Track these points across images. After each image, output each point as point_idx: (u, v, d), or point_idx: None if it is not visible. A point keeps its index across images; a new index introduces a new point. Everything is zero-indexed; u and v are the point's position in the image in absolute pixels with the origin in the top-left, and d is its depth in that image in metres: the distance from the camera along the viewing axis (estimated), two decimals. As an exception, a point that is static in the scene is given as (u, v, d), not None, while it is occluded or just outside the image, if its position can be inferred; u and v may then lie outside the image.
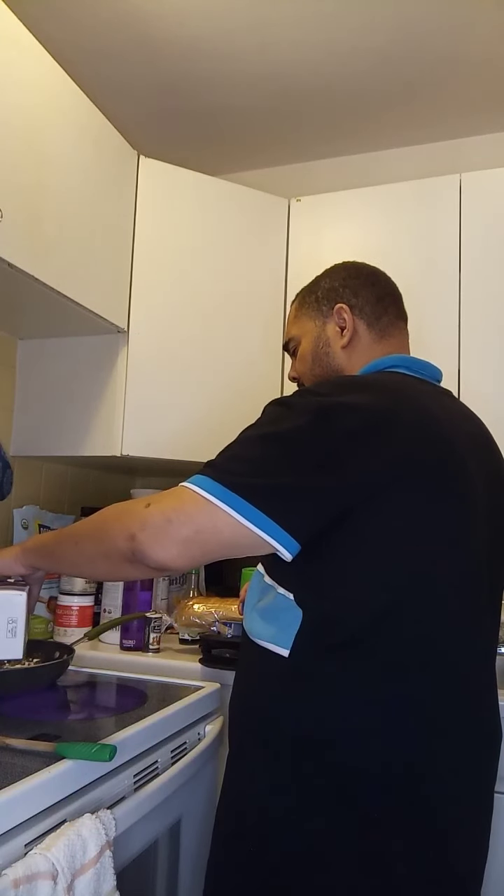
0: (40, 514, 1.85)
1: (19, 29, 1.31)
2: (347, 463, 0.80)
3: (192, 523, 0.80)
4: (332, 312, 1.09)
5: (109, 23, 1.69)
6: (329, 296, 1.11)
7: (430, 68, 1.84)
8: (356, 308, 1.08)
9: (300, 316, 1.15)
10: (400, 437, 0.82)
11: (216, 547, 0.80)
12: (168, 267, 1.77)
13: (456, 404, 1.02)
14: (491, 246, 1.75)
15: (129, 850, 0.97)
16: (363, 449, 0.80)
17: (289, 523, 0.78)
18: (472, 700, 0.88)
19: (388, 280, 1.15)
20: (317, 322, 1.11)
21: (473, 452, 0.92)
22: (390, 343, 1.08)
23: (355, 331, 1.07)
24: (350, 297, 1.09)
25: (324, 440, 0.80)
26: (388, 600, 0.82)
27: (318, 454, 0.80)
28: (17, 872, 0.70)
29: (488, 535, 0.92)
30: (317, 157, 2.30)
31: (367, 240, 1.86)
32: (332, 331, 1.09)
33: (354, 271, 1.14)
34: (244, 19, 1.67)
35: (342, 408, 0.82)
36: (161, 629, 1.61)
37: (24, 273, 1.32)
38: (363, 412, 0.82)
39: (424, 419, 0.86)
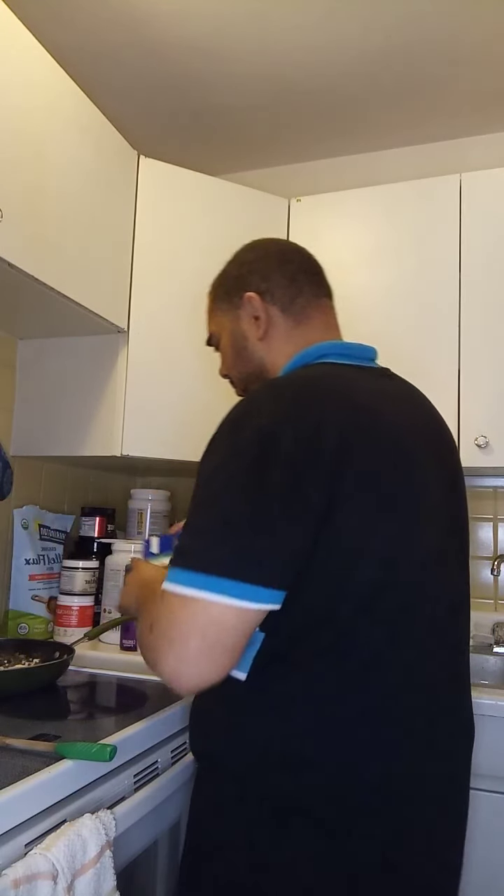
0: (40, 514, 1.85)
1: (19, 29, 1.31)
2: (296, 497, 0.74)
3: (193, 631, 0.72)
4: (242, 302, 1.01)
5: (110, 23, 1.69)
6: (237, 284, 1.02)
7: (430, 68, 1.84)
8: (267, 293, 0.99)
9: (214, 310, 1.08)
10: (332, 453, 0.76)
11: (234, 636, 0.73)
12: (168, 267, 1.77)
13: (396, 385, 0.94)
14: (491, 246, 1.75)
15: (129, 850, 0.97)
16: (303, 479, 0.74)
17: (275, 581, 0.73)
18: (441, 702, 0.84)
19: (300, 254, 1.04)
20: (230, 315, 1.04)
21: (419, 433, 0.88)
22: (311, 325, 0.99)
23: (270, 319, 0.99)
24: (259, 282, 1.00)
25: (268, 481, 0.74)
26: (343, 614, 0.77)
27: (270, 498, 0.73)
28: (17, 872, 0.70)
29: (447, 521, 0.89)
30: (317, 157, 2.30)
31: (367, 240, 1.86)
32: (246, 323, 1.01)
33: (262, 251, 1.04)
34: (244, 19, 1.67)
35: (274, 437, 0.75)
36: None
37: (24, 273, 1.32)
38: (292, 437, 0.75)
39: (355, 426, 0.79)
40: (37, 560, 1.78)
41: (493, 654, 1.83)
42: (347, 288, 1.87)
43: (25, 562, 1.75)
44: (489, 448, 1.67)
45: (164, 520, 1.96)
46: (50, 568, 1.81)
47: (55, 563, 1.84)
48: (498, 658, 1.82)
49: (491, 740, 1.34)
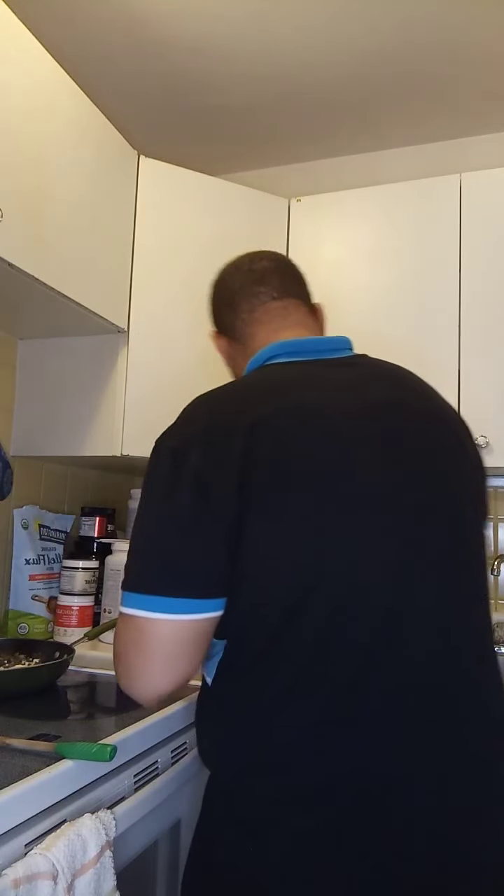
0: (40, 514, 1.85)
1: (20, 29, 1.31)
2: (205, 510, 0.77)
3: (130, 646, 0.80)
4: (214, 337, 1.13)
5: (110, 23, 1.69)
6: (210, 319, 1.14)
7: (430, 68, 1.84)
8: (221, 330, 1.08)
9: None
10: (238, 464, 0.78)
11: (173, 645, 0.78)
12: (168, 267, 1.77)
13: (353, 373, 0.91)
14: (491, 246, 1.75)
15: (129, 850, 0.97)
16: (210, 492, 0.78)
17: (199, 591, 0.78)
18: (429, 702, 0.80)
19: (241, 270, 1.07)
20: (218, 343, 1.14)
21: (370, 423, 0.84)
22: (256, 338, 1.02)
23: (231, 353, 1.08)
24: (216, 321, 1.10)
25: (178, 499, 0.79)
26: (272, 620, 0.78)
27: (182, 516, 0.78)
28: (17, 872, 0.70)
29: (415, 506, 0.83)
30: (317, 157, 2.30)
31: (367, 240, 1.86)
32: (226, 361, 1.13)
33: (214, 286, 1.12)
34: (244, 20, 1.67)
35: (182, 456, 0.80)
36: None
37: (24, 273, 1.32)
38: (199, 454, 0.79)
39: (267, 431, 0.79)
40: (37, 560, 1.78)
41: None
42: (347, 288, 1.88)
43: (25, 562, 1.75)
44: (489, 448, 1.66)
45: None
46: (50, 568, 1.81)
47: (55, 563, 1.84)
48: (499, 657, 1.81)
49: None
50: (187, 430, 0.84)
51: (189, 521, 0.78)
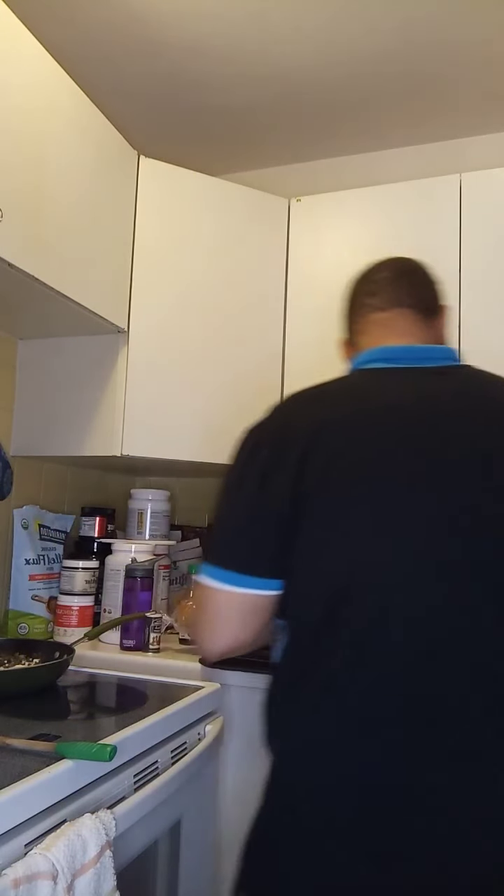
0: (40, 514, 1.85)
1: (20, 29, 1.31)
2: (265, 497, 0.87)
3: (202, 609, 0.91)
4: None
5: (110, 23, 1.69)
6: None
7: (430, 69, 1.84)
8: (348, 338, 1.11)
9: None
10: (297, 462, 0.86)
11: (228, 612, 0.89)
12: (168, 267, 1.77)
13: (439, 383, 0.93)
14: (491, 246, 1.75)
15: (129, 850, 0.97)
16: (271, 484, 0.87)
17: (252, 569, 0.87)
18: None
19: (353, 284, 1.12)
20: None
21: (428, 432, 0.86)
22: (361, 346, 1.06)
23: (348, 356, 1.10)
24: (344, 330, 1.13)
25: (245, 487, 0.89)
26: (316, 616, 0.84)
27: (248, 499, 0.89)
28: (17, 872, 0.70)
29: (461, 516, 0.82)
30: (317, 157, 2.30)
31: (367, 240, 1.86)
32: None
33: (345, 295, 1.14)
34: (244, 20, 1.67)
35: (256, 449, 0.91)
36: (161, 629, 1.61)
37: (24, 273, 1.32)
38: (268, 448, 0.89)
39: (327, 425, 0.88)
40: (37, 560, 1.78)
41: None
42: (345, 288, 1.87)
43: (25, 562, 1.75)
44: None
45: (163, 519, 1.97)
46: (50, 568, 1.81)
47: (55, 563, 1.84)
48: None
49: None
50: (267, 426, 0.94)
51: (249, 509, 0.89)
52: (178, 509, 2.29)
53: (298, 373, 1.87)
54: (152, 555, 1.78)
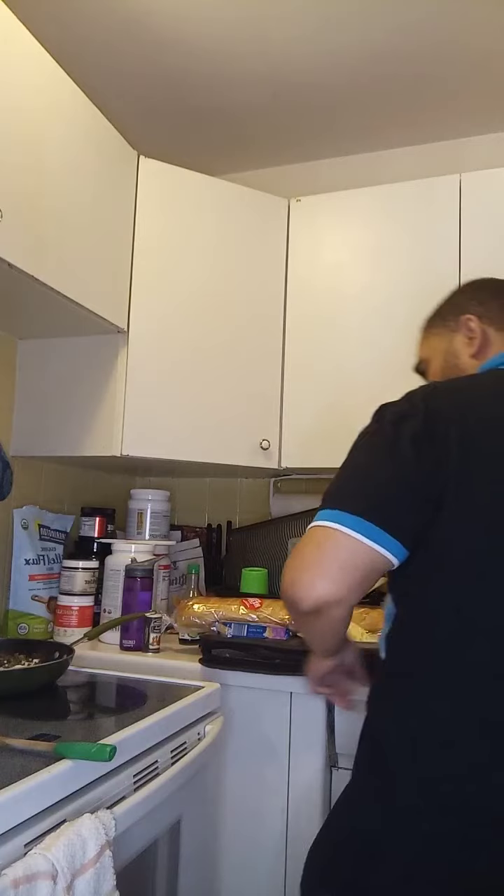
0: (40, 514, 1.85)
1: (19, 29, 1.31)
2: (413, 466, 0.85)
3: (310, 542, 0.85)
4: (458, 325, 1.11)
5: (110, 23, 1.69)
6: (453, 310, 1.13)
7: (431, 68, 1.84)
8: (484, 317, 1.09)
9: (427, 336, 1.17)
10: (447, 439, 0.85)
11: (346, 557, 0.83)
12: (168, 267, 1.77)
13: None
14: (491, 246, 1.74)
15: (129, 850, 0.97)
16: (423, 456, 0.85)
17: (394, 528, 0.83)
18: None
19: None
20: (443, 338, 1.13)
21: None
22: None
23: (485, 337, 1.07)
24: (476, 306, 1.10)
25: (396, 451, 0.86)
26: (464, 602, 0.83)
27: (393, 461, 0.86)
28: (16, 872, 0.70)
29: None
30: (317, 157, 2.30)
31: (367, 240, 1.86)
32: (460, 342, 1.10)
33: (480, 283, 1.16)
34: (244, 20, 1.67)
35: (398, 414, 0.88)
36: (161, 629, 1.61)
37: (24, 273, 1.32)
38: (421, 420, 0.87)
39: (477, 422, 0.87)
40: (37, 560, 1.78)
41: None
42: (347, 288, 1.88)
43: (25, 562, 1.75)
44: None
45: (163, 519, 1.97)
46: (50, 568, 1.81)
47: (55, 563, 1.84)
48: None
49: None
50: (412, 401, 0.91)
51: (401, 469, 0.85)
52: (178, 509, 2.29)
53: (298, 372, 1.87)
54: (152, 555, 1.78)
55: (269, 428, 1.85)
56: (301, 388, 1.86)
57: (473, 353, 1.08)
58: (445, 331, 1.13)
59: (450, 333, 1.12)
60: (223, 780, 1.42)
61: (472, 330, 1.08)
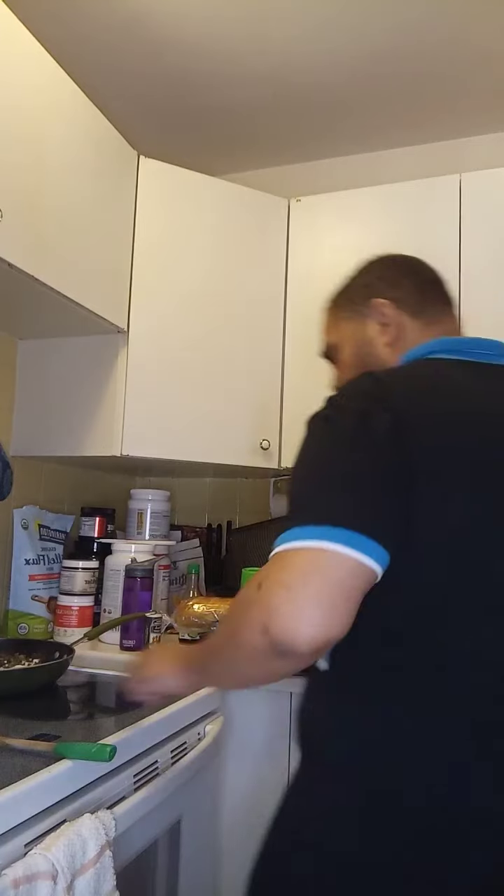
0: (40, 514, 1.85)
1: (19, 29, 1.31)
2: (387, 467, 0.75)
3: (313, 572, 0.68)
4: (370, 310, 1.00)
5: (110, 23, 1.69)
6: (363, 292, 1.02)
7: (430, 68, 1.84)
8: (397, 300, 0.99)
9: (335, 321, 1.07)
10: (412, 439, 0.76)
11: (350, 586, 0.69)
12: (168, 267, 1.77)
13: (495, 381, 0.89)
14: (491, 246, 1.74)
15: (129, 850, 0.97)
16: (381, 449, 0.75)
17: (371, 530, 0.71)
18: None
19: (426, 266, 1.06)
20: (354, 323, 1.03)
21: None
22: (436, 331, 0.98)
23: (400, 325, 0.98)
24: (386, 289, 1.00)
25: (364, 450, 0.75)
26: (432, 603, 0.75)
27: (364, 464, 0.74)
28: (17, 872, 0.70)
29: None
30: (317, 157, 2.30)
31: (367, 240, 1.86)
32: (372, 329, 1.00)
33: (389, 262, 1.05)
34: (245, 21, 1.67)
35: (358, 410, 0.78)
36: (161, 629, 1.61)
37: (24, 273, 1.32)
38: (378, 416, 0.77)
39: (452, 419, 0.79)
40: (37, 560, 1.78)
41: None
42: (347, 288, 1.88)
43: (25, 562, 1.75)
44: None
45: (163, 519, 1.97)
46: (50, 568, 1.81)
47: (55, 563, 1.83)
48: None
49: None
50: (371, 395, 0.80)
51: (369, 466, 0.74)
52: (178, 509, 2.29)
53: (298, 372, 1.87)
54: (152, 555, 1.78)
55: (269, 428, 1.85)
56: (301, 388, 1.86)
57: (389, 341, 0.98)
58: (356, 315, 1.03)
59: (361, 318, 1.02)
60: (223, 780, 1.42)
61: (386, 316, 0.99)
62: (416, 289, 1.00)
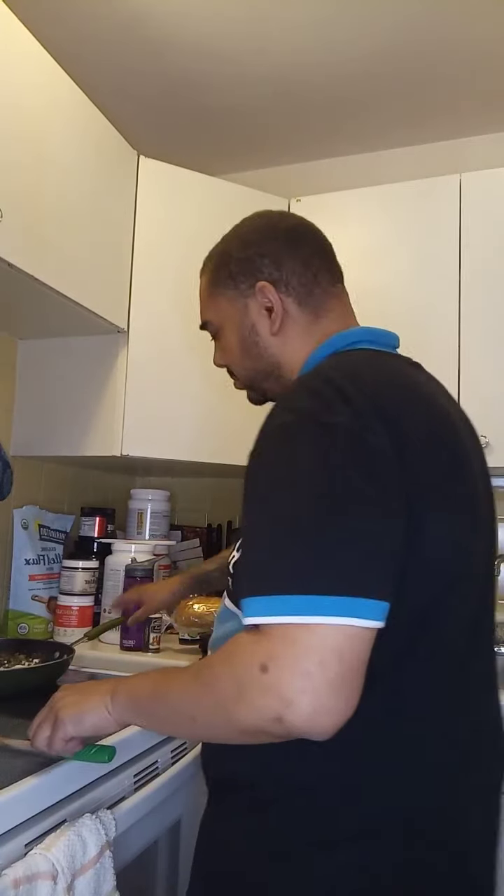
0: (40, 514, 1.85)
1: (20, 30, 1.31)
2: (393, 492, 0.66)
3: (331, 657, 0.60)
4: (254, 292, 0.91)
5: (110, 23, 1.68)
6: (245, 269, 0.92)
7: (430, 69, 1.84)
8: (281, 283, 0.89)
9: (215, 295, 0.97)
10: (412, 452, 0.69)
11: (362, 660, 0.62)
12: (168, 267, 1.77)
13: (427, 376, 0.86)
14: (491, 246, 1.75)
15: (129, 850, 0.97)
16: (386, 479, 0.66)
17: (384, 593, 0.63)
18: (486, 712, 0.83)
19: (313, 233, 0.96)
20: (236, 303, 0.93)
21: (466, 426, 0.85)
22: (330, 318, 0.90)
23: (285, 312, 0.89)
24: (271, 269, 0.90)
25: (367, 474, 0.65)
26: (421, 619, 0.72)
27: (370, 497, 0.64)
28: (17, 872, 0.70)
29: (490, 520, 0.84)
30: (317, 157, 2.30)
31: (368, 240, 1.86)
32: (256, 313, 0.91)
33: (270, 230, 0.95)
34: (244, 20, 1.67)
35: (351, 435, 0.66)
36: (161, 629, 1.61)
37: (24, 273, 1.32)
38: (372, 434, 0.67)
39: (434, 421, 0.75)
40: (37, 560, 1.78)
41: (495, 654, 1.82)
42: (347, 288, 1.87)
43: (25, 562, 1.75)
44: (489, 448, 1.66)
45: (163, 519, 1.97)
46: (50, 568, 1.81)
47: (55, 563, 1.84)
48: (499, 658, 1.81)
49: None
50: (351, 399, 0.68)
51: (369, 509, 0.64)
52: (178, 509, 2.29)
53: (298, 373, 1.87)
54: (152, 555, 1.78)
55: (269, 428, 1.84)
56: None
57: (275, 330, 0.90)
58: (237, 294, 0.93)
59: (242, 299, 0.92)
60: (223, 780, 1.42)
61: (270, 301, 0.90)
62: (302, 268, 0.90)
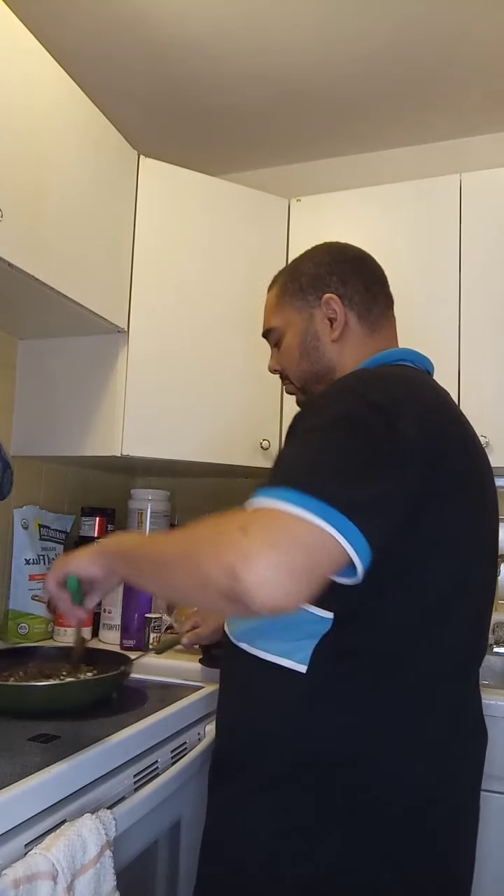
0: (40, 514, 1.85)
1: (20, 29, 1.31)
2: (409, 469, 0.75)
3: (303, 549, 0.66)
4: (320, 303, 1.02)
5: (110, 23, 1.69)
6: (315, 284, 1.04)
7: (430, 69, 1.84)
8: (345, 298, 1.01)
9: (283, 305, 1.07)
10: (448, 445, 0.82)
11: (327, 572, 0.69)
12: (168, 267, 1.77)
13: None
14: (491, 246, 1.75)
15: (129, 850, 0.97)
16: (423, 456, 0.76)
17: (372, 537, 0.69)
18: (472, 708, 0.91)
19: (374, 263, 1.08)
20: (302, 313, 1.04)
21: (482, 451, 0.94)
22: (382, 335, 1.03)
23: (346, 323, 1.01)
24: (338, 285, 1.02)
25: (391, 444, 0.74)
26: (427, 612, 0.81)
27: (388, 459, 0.74)
28: (17, 872, 0.70)
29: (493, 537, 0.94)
30: (317, 157, 2.30)
31: (367, 240, 1.84)
32: (319, 321, 1.02)
33: (339, 254, 1.07)
34: (244, 20, 1.67)
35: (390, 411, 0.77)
36: (161, 629, 1.61)
37: (24, 273, 1.32)
38: (423, 414, 0.79)
39: (462, 425, 0.89)
40: (37, 560, 1.78)
41: (494, 655, 1.83)
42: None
43: (25, 562, 1.75)
44: (489, 448, 1.66)
45: (163, 519, 1.96)
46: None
47: (55, 563, 1.83)
48: (499, 658, 1.82)
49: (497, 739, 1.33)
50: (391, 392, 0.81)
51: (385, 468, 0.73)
52: (178, 509, 2.29)
53: (298, 373, 1.87)
54: (152, 555, 1.77)
55: (269, 428, 1.85)
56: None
57: (335, 337, 1.01)
58: (304, 305, 1.04)
59: (309, 309, 1.03)
60: (223, 780, 1.42)
61: (335, 311, 1.01)
62: (364, 288, 1.03)
